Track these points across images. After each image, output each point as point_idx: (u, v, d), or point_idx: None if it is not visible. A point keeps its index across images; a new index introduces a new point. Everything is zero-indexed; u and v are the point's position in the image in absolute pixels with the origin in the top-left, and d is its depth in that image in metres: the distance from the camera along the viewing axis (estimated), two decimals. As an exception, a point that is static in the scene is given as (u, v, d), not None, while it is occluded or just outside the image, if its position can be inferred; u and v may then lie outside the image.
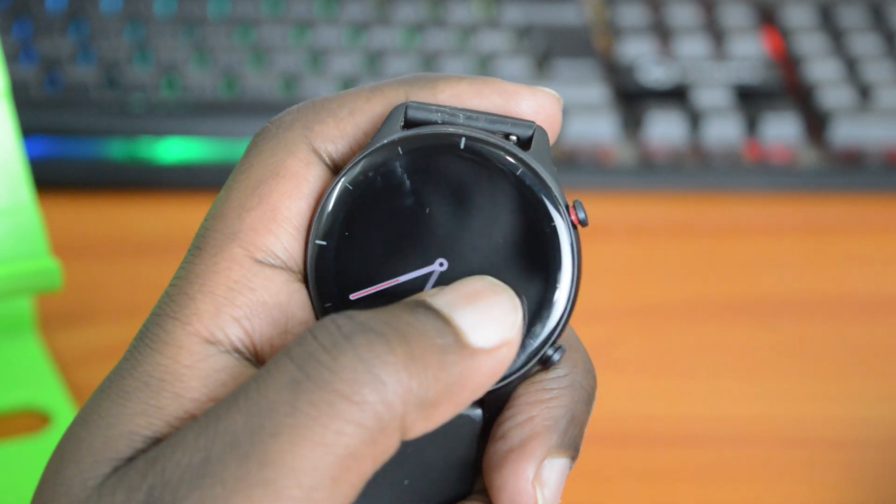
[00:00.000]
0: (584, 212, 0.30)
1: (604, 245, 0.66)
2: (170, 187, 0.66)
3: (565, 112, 0.69)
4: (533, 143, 0.31)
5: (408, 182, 0.30)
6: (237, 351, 0.29)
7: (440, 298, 0.28)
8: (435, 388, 0.27)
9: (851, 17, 0.75)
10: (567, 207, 0.30)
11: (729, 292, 0.63)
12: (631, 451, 0.55)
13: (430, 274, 0.30)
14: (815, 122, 0.70)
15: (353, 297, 0.30)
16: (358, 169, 0.30)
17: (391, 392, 0.27)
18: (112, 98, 0.68)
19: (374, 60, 0.71)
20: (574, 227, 0.30)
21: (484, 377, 0.28)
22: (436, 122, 0.31)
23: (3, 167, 0.52)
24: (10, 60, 0.68)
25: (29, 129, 0.65)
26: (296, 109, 0.32)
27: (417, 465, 0.31)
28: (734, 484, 0.54)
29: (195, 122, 0.67)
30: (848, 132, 0.69)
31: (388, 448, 0.27)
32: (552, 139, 0.32)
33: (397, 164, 0.30)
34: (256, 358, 0.30)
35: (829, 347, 0.60)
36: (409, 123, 0.31)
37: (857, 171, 0.68)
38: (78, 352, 0.57)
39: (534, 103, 0.32)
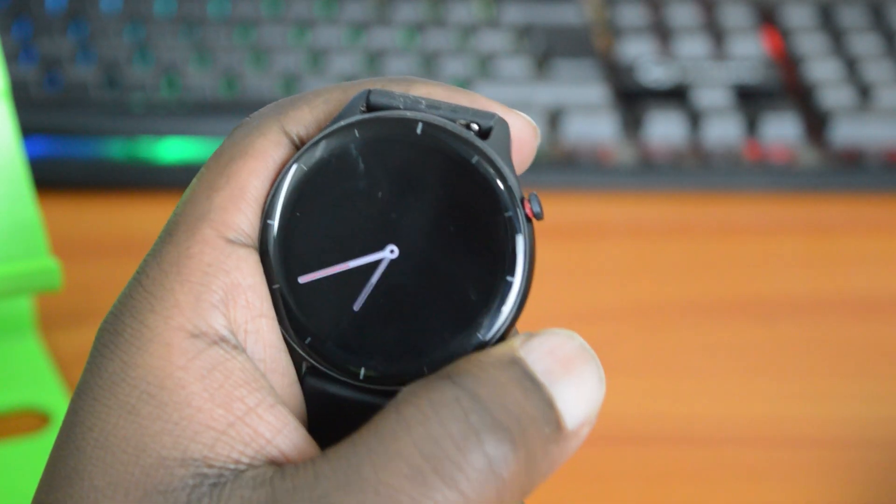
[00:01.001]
0: (540, 205, 0.30)
1: (604, 245, 0.66)
2: (170, 187, 0.66)
3: (565, 112, 0.69)
4: (492, 133, 0.30)
5: (362, 165, 0.30)
6: (224, 340, 0.29)
7: (539, 363, 0.28)
8: (538, 481, 0.27)
9: (851, 17, 0.75)
10: (522, 200, 0.30)
11: (729, 292, 0.63)
12: (631, 451, 0.55)
13: (380, 261, 0.30)
14: (815, 122, 0.70)
15: (301, 280, 0.30)
16: (313, 150, 0.30)
17: (509, 493, 0.27)
18: (112, 98, 0.68)
19: (374, 60, 0.71)
20: (529, 220, 0.30)
21: (566, 459, 0.28)
22: (397, 109, 0.31)
23: (3, 167, 0.52)
24: (10, 60, 0.68)
25: (29, 129, 0.65)
26: (275, 102, 0.32)
27: None
28: (734, 484, 0.54)
29: (195, 122, 0.67)
30: (848, 132, 0.69)
31: None
32: (523, 167, 0.32)
33: (352, 146, 0.30)
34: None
35: (829, 347, 0.60)
36: (370, 108, 0.31)
37: (857, 171, 0.68)
38: (78, 352, 0.57)
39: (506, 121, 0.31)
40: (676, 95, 0.71)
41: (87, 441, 0.28)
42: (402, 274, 0.30)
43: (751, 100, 0.71)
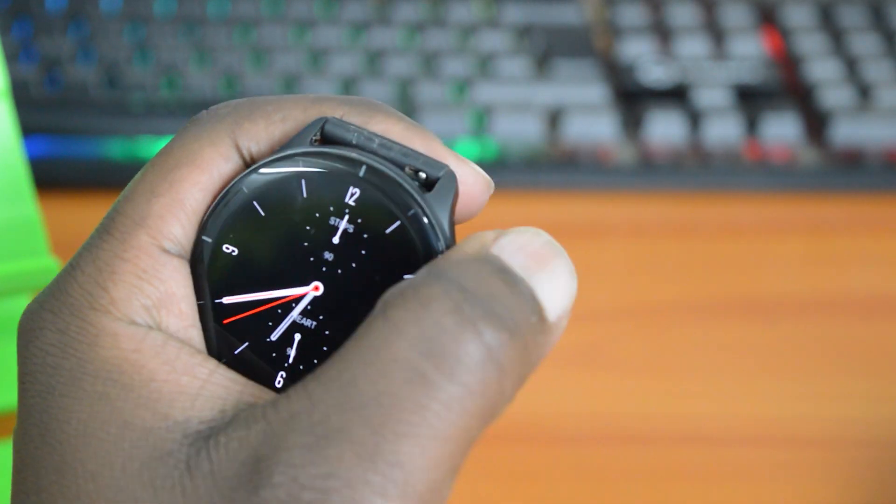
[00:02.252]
0: None
1: (604, 245, 0.66)
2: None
3: (565, 112, 0.69)
4: (437, 185, 0.30)
5: (301, 198, 0.30)
6: (160, 328, 0.29)
7: (514, 258, 0.28)
8: (531, 371, 0.27)
9: (851, 17, 0.75)
10: None
11: (729, 292, 0.63)
12: (631, 451, 0.55)
13: (302, 296, 0.30)
14: (815, 122, 0.70)
15: (225, 300, 0.30)
16: (257, 175, 0.30)
17: (509, 381, 0.27)
18: (112, 98, 0.68)
19: (374, 60, 0.71)
20: None
21: (550, 350, 0.28)
22: (349, 143, 0.30)
23: (3, 167, 0.52)
24: (10, 60, 0.68)
25: (29, 129, 0.65)
26: (233, 104, 0.31)
27: None
28: (734, 484, 0.54)
29: (195, 122, 0.67)
30: (848, 132, 0.69)
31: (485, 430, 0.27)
32: (470, 217, 0.31)
33: (295, 178, 0.30)
34: None
35: (829, 347, 0.60)
36: (324, 138, 0.31)
37: (857, 171, 0.68)
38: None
39: (457, 173, 0.31)
40: (676, 95, 0.71)
41: (67, 433, 0.28)
42: (322, 313, 0.30)
43: (751, 100, 0.71)
